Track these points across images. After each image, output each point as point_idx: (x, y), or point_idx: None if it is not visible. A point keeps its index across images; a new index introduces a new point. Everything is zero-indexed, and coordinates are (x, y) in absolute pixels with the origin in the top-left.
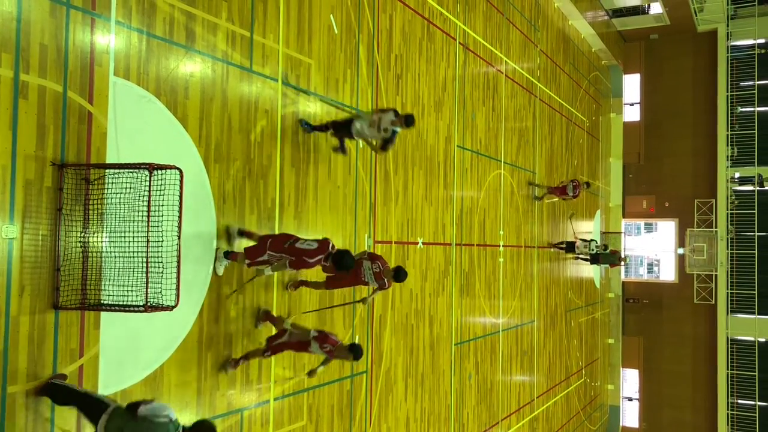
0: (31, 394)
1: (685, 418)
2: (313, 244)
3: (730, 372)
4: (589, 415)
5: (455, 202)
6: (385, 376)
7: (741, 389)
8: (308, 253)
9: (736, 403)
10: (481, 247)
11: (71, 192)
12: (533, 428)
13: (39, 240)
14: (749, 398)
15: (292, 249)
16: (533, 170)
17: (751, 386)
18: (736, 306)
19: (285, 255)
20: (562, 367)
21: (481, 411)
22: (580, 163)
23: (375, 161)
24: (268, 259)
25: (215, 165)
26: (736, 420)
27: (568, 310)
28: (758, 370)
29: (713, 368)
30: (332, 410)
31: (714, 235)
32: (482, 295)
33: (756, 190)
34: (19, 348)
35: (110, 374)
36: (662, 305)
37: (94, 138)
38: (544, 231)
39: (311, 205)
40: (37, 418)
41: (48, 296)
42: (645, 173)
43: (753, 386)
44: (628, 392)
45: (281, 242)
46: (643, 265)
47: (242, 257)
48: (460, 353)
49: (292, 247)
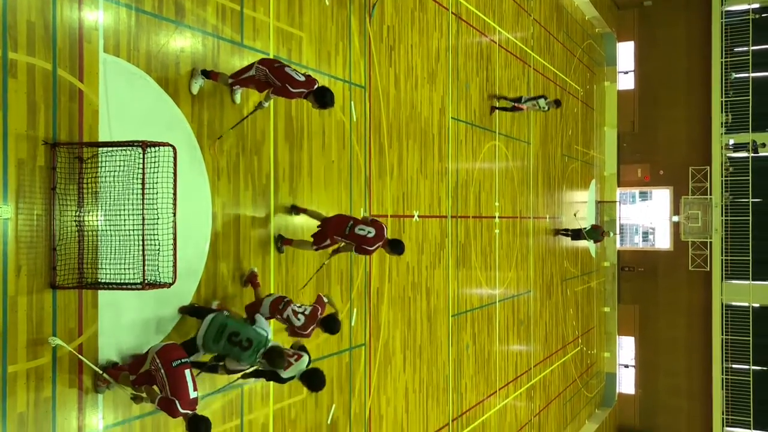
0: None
1: (680, 383)
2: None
3: (724, 337)
4: (586, 382)
5: (450, 175)
6: (384, 348)
7: (735, 354)
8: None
9: (731, 367)
10: (477, 219)
11: (64, 171)
12: (530, 396)
13: (34, 220)
14: (743, 363)
15: (352, 235)
16: (528, 141)
17: (745, 351)
18: (731, 272)
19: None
20: (559, 336)
21: (478, 380)
22: (574, 132)
23: (369, 135)
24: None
25: (208, 141)
26: (731, 384)
27: (564, 280)
28: (752, 334)
29: (708, 334)
30: (332, 383)
31: (708, 202)
32: (478, 266)
33: (750, 157)
34: (18, 327)
35: (110, 352)
36: (657, 273)
37: (86, 116)
38: (540, 202)
39: (306, 180)
40: (38, 397)
41: (45, 276)
42: (639, 142)
43: (747, 351)
44: (624, 359)
45: (342, 228)
46: (638, 233)
47: (224, 78)
48: (457, 324)
49: (353, 233)
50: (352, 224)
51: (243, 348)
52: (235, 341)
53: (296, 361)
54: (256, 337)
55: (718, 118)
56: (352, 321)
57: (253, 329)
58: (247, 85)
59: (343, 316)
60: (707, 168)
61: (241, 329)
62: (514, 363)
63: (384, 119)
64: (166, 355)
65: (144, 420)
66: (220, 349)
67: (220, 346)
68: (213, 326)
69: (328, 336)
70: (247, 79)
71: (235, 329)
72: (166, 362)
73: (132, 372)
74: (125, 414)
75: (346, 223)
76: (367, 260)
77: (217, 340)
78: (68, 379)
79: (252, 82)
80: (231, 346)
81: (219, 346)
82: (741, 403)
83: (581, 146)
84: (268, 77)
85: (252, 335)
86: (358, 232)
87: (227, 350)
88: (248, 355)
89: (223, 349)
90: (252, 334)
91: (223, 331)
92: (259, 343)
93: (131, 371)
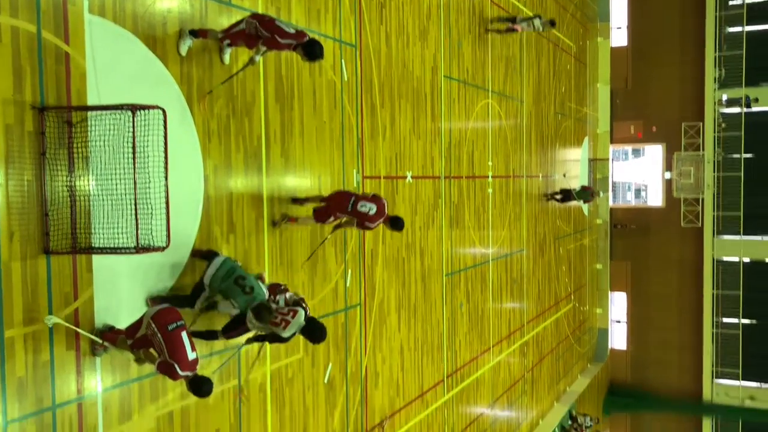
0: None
1: (671, 338)
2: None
3: (715, 292)
4: (578, 338)
5: (443, 135)
6: (379, 308)
7: (726, 308)
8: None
9: (721, 321)
10: (470, 179)
11: (54, 136)
12: (523, 353)
13: (24, 185)
14: (733, 316)
15: (355, 212)
16: (521, 99)
17: (735, 305)
18: (723, 228)
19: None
20: (551, 293)
21: (472, 338)
22: (567, 89)
23: (360, 95)
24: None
25: (198, 103)
26: (721, 337)
27: (556, 238)
28: (742, 289)
29: (699, 289)
30: (328, 342)
31: (701, 158)
32: (472, 226)
33: (743, 112)
34: (13, 293)
35: (106, 316)
36: (650, 230)
37: (74, 79)
38: (533, 160)
39: (297, 141)
40: (37, 361)
41: (38, 241)
42: (632, 98)
43: (737, 305)
44: (616, 315)
45: (344, 205)
46: (631, 190)
47: (213, 34)
48: (451, 283)
49: (355, 210)
50: (354, 200)
51: (245, 292)
52: (240, 284)
53: (293, 318)
54: (258, 289)
55: (712, 74)
56: (347, 282)
57: (258, 282)
58: (236, 40)
59: (337, 278)
60: (700, 124)
61: (248, 276)
62: (507, 320)
63: (375, 78)
64: (161, 319)
65: (142, 382)
66: (224, 288)
67: (225, 285)
68: (224, 267)
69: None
70: (238, 33)
71: (243, 274)
72: (161, 326)
73: (129, 336)
74: (123, 377)
75: (348, 200)
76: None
77: (225, 280)
78: (65, 344)
79: (242, 36)
80: (235, 287)
81: (225, 284)
82: (730, 355)
83: (574, 103)
84: (258, 30)
85: (255, 285)
86: (360, 209)
87: (230, 290)
88: (245, 300)
89: (226, 288)
90: (256, 285)
91: (233, 273)
92: (258, 294)
93: (128, 336)
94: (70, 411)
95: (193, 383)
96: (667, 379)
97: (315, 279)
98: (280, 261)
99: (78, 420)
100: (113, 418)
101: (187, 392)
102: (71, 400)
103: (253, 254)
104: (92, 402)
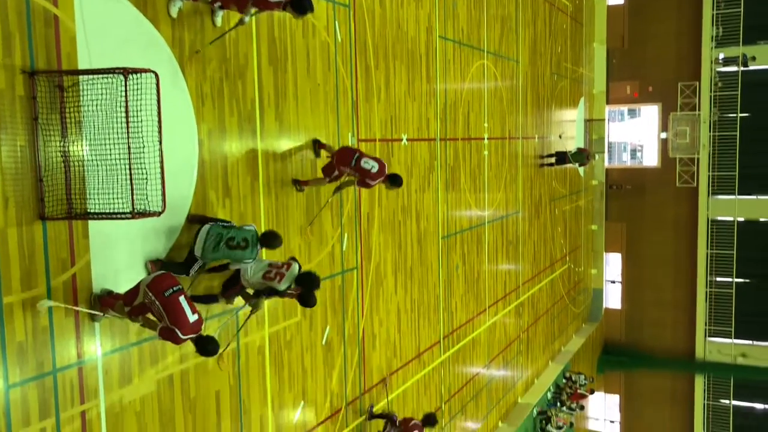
0: (28, 304)
1: (665, 297)
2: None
3: (709, 252)
4: (573, 299)
5: (438, 96)
6: (375, 271)
7: (719, 267)
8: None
9: (714, 280)
10: (466, 140)
11: (45, 100)
12: (519, 314)
13: (17, 151)
14: (727, 275)
15: (358, 167)
16: (516, 59)
17: (728, 264)
18: (717, 188)
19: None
20: (547, 254)
21: (468, 299)
22: (563, 49)
23: (355, 56)
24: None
25: (190, 66)
26: (714, 296)
27: (552, 200)
28: (736, 248)
29: (693, 249)
30: (325, 305)
31: (697, 118)
32: (468, 188)
33: (740, 71)
34: (10, 259)
35: (104, 281)
36: (645, 190)
37: (64, 43)
38: (529, 122)
39: (291, 104)
40: (36, 326)
41: (33, 207)
42: (629, 58)
43: (731, 264)
44: (611, 276)
45: (348, 159)
46: (626, 151)
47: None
48: (447, 246)
49: (358, 165)
50: (358, 156)
51: (242, 248)
52: (233, 245)
53: (287, 270)
54: (249, 235)
55: (709, 32)
56: (343, 245)
57: (244, 230)
58: (228, 2)
59: (334, 241)
60: (696, 83)
61: (236, 233)
62: (502, 282)
63: (370, 40)
64: (158, 286)
65: (142, 346)
66: (220, 256)
67: (219, 254)
68: (210, 237)
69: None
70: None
71: (230, 234)
72: (158, 293)
73: (127, 303)
74: (123, 341)
75: (353, 155)
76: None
77: (216, 249)
78: (64, 309)
79: None
80: (231, 251)
81: (219, 253)
82: (723, 314)
83: (570, 64)
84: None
85: (246, 235)
86: (363, 165)
87: (228, 255)
88: (249, 252)
89: (224, 256)
90: (246, 235)
91: (220, 240)
92: (253, 237)
93: (126, 302)
94: (70, 375)
95: (198, 343)
96: (661, 337)
97: (312, 243)
98: (276, 224)
99: (79, 384)
100: (114, 381)
101: (186, 355)
102: (71, 365)
103: (249, 217)
104: (92, 366)
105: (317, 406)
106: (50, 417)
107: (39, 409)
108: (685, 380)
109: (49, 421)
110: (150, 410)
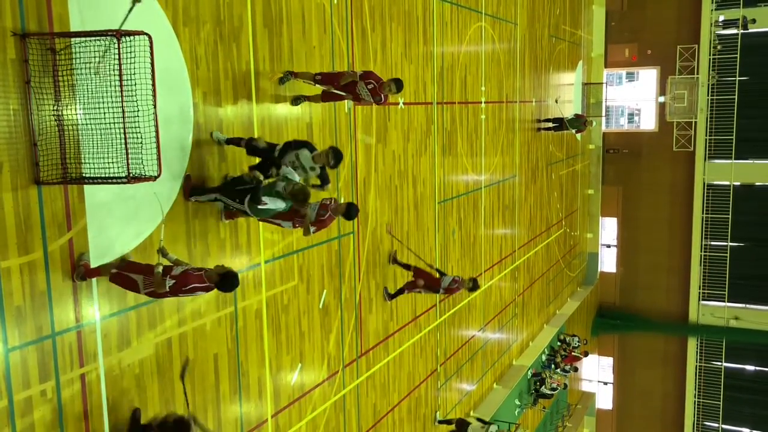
0: (25, 268)
1: (660, 261)
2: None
3: (704, 216)
4: (569, 262)
5: (435, 59)
6: (371, 235)
7: (714, 231)
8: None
9: (709, 244)
10: (463, 104)
11: (37, 63)
12: (515, 277)
13: (11, 115)
14: (722, 240)
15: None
16: (515, 21)
17: (723, 228)
18: (714, 152)
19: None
20: (543, 218)
21: (464, 264)
22: (562, 11)
23: (351, 18)
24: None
25: (184, 29)
26: (708, 260)
27: (549, 164)
28: (732, 212)
29: (689, 213)
30: (322, 269)
31: (695, 81)
32: (464, 153)
33: (740, 34)
34: (6, 224)
35: (101, 245)
36: (642, 154)
37: (55, 4)
38: (527, 85)
39: (287, 67)
40: (34, 290)
41: (28, 172)
42: (628, 20)
43: (726, 228)
44: (606, 239)
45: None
46: (624, 115)
47: None
48: (443, 210)
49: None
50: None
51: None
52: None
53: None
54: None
55: None
56: None
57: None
58: None
59: None
60: (695, 47)
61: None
62: (499, 246)
63: (366, 1)
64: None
65: (140, 310)
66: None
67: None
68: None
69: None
70: None
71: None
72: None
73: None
74: (121, 305)
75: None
76: (353, 150)
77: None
78: (62, 273)
79: None
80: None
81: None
82: (717, 277)
83: (569, 26)
84: None
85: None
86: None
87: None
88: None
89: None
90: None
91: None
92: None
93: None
94: (69, 338)
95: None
96: (655, 301)
97: None
98: None
99: (78, 347)
100: (112, 344)
101: (185, 318)
102: (70, 328)
103: None
104: (91, 329)
105: (315, 369)
106: (50, 380)
107: (39, 372)
108: (677, 342)
109: (49, 384)
110: (149, 373)
